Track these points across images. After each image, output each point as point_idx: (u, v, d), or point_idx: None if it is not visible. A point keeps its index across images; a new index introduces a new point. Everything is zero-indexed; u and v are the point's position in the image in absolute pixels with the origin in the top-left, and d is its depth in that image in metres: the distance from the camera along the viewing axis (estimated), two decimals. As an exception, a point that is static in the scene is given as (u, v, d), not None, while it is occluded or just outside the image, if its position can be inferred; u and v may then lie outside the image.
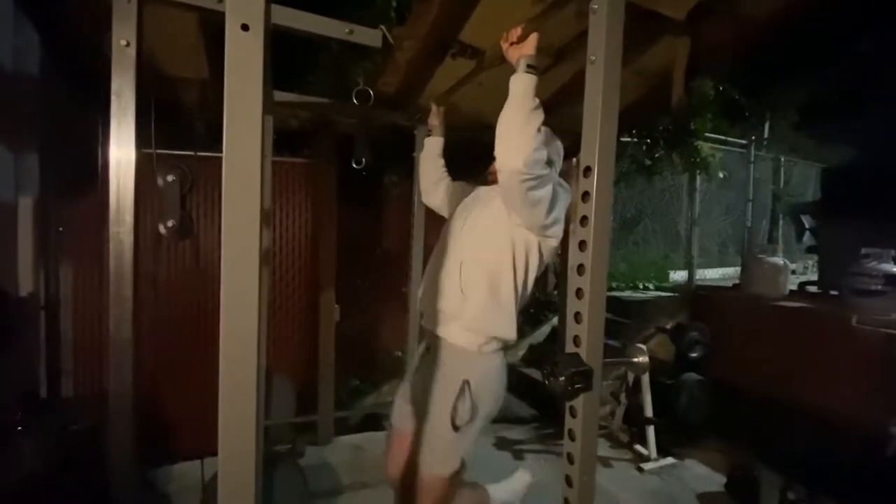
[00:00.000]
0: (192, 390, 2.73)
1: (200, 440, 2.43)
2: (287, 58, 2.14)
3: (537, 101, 1.20)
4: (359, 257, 3.44)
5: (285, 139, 3.01)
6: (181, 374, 2.78)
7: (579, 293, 0.93)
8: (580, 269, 0.92)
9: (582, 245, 0.92)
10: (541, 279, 4.71)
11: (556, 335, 4.12)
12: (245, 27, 0.63)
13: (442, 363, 1.41)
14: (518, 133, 1.18)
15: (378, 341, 3.61)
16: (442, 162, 1.82)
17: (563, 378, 0.88)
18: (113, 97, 1.08)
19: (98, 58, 1.25)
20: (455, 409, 1.33)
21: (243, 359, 0.67)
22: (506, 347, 1.45)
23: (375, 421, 3.51)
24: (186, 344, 2.70)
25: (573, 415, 0.95)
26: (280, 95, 1.76)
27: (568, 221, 1.36)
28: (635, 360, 1.71)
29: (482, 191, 1.55)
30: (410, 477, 1.45)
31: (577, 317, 0.93)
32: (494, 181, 1.49)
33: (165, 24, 1.38)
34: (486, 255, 1.38)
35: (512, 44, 1.21)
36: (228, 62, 0.63)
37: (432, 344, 1.46)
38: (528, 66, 1.18)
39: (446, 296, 1.41)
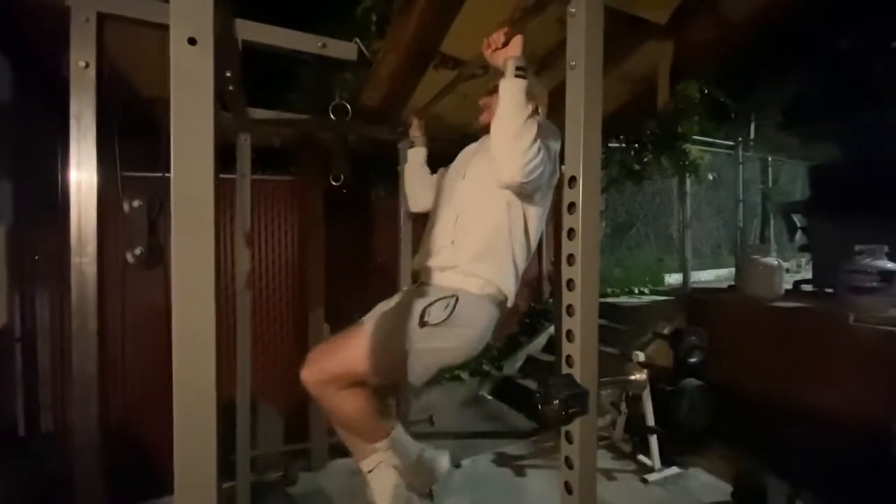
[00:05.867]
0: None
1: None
2: (267, 75, 2.10)
3: (531, 106, 1.13)
4: (347, 274, 3.37)
5: (269, 157, 2.96)
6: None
7: (570, 310, 0.87)
8: (570, 284, 0.87)
9: (570, 259, 0.87)
10: (536, 289, 4.68)
11: (553, 345, 4.05)
12: (192, 41, 0.59)
13: (433, 290, 1.28)
14: (514, 143, 1.12)
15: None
16: (427, 171, 1.77)
17: (556, 402, 0.83)
18: (72, 120, 1.02)
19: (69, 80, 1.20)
20: (431, 305, 1.19)
21: (199, 406, 0.61)
22: (503, 305, 1.31)
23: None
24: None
25: (570, 440, 0.88)
26: (257, 113, 1.71)
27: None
28: (633, 377, 1.60)
29: (472, 149, 1.49)
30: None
31: (570, 335, 0.87)
32: (485, 131, 1.37)
33: (128, 43, 1.33)
34: (482, 208, 1.30)
35: (495, 50, 1.15)
36: (175, 79, 0.59)
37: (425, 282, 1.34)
38: (517, 68, 1.11)
39: (440, 249, 1.32)
